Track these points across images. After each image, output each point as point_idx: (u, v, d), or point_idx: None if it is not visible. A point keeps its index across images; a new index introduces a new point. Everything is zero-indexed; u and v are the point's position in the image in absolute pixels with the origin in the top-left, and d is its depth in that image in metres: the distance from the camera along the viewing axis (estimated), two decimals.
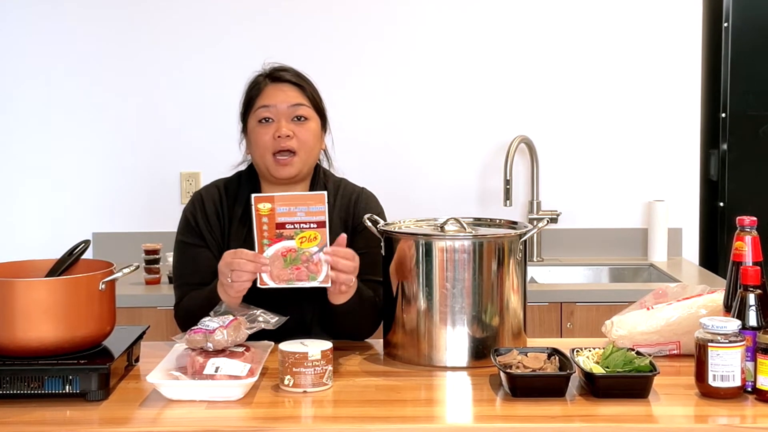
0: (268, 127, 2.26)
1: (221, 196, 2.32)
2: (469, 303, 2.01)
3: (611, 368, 1.82)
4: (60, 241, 2.73)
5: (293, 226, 1.99)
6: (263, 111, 2.27)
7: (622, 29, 3.68)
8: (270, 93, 2.28)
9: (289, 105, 2.27)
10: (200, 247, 2.27)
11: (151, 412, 1.74)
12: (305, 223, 1.99)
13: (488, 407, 1.77)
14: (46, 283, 1.85)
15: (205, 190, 2.35)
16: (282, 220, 1.99)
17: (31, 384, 1.77)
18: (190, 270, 2.27)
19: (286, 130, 2.24)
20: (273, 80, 2.30)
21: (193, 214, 2.30)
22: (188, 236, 2.29)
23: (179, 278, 2.30)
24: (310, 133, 2.28)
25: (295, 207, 1.99)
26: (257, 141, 2.26)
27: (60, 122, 3.68)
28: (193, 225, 2.29)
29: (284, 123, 2.25)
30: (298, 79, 2.32)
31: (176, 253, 2.32)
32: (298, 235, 1.99)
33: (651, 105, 3.69)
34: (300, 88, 2.30)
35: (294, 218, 1.99)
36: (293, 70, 2.34)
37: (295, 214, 1.99)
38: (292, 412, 1.76)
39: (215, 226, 2.28)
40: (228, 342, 1.86)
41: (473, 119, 3.70)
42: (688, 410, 1.74)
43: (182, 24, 3.65)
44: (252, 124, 2.29)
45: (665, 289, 2.18)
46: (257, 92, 2.29)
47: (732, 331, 1.75)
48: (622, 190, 3.72)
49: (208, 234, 2.28)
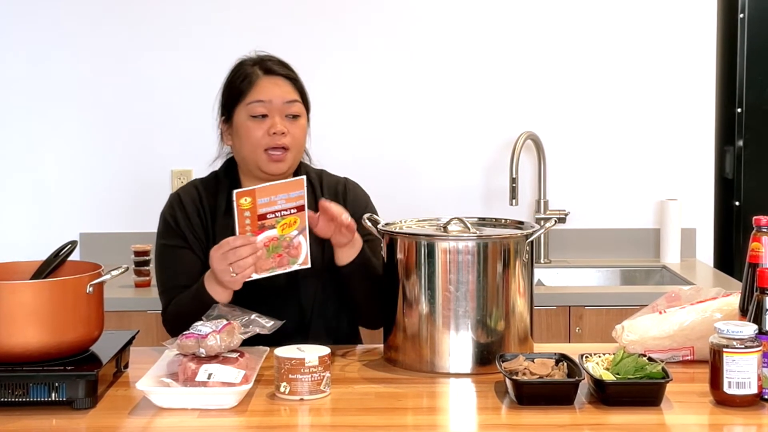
0: (262, 122, 2.27)
1: (200, 194, 2.33)
2: (474, 306, 2.01)
3: (622, 375, 1.82)
4: (45, 241, 2.73)
5: (274, 215, 2.06)
6: (257, 106, 2.27)
7: (633, 21, 3.68)
8: (264, 87, 2.29)
9: (284, 101, 2.28)
10: (183, 248, 2.28)
11: (141, 420, 1.74)
12: (285, 210, 2.06)
13: (493, 416, 1.78)
14: (31, 286, 1.85)
15: (183, 191, 2.36)
16: (263, 211, 2.05)
17: (16, 391, 1.77)
18: (176, 272, 2.27)
19: (281, 127, 2.25)
20: (265, 72, 2.31)
21: (173, 216, 2.30)
22: (170, 238, 2.30)
23: (164, 283, 2.30)
24: (301, 131, 2.31)
25: (275, 196, 2.05)
26: (249, 136, 2.27)
27: (44, 117, 3.67)
28: (174, 226, 2.29)
29: (279, 119, 2.27)
30: (288, 71, 2.34)
31: (158, 258, 2.32)
32: (279, 222, 2.06)
33: (663, 100, 3.69)
34: (292, 81, 2.33)
35: (275, 207, 2.05)
36: (281, 60, 2.37)
37: (276, 203, 2.05)
38: (288, 420, 1.77)
39: (197, 225, 2.29)
40: (221, 347, 1.86)
41: (478, 114, 3.70)
42: (702, 419, 1.74)
43: (171, 17, 3.65)
44: (242, 117, 2.29)
45: (678, 292, 2.18)
46: (248, 84, 2.30)
47: (748, 336, 1.75)
48: (634, 189, 3.72)
49: (191, 234, 2.28)
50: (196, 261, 2.26)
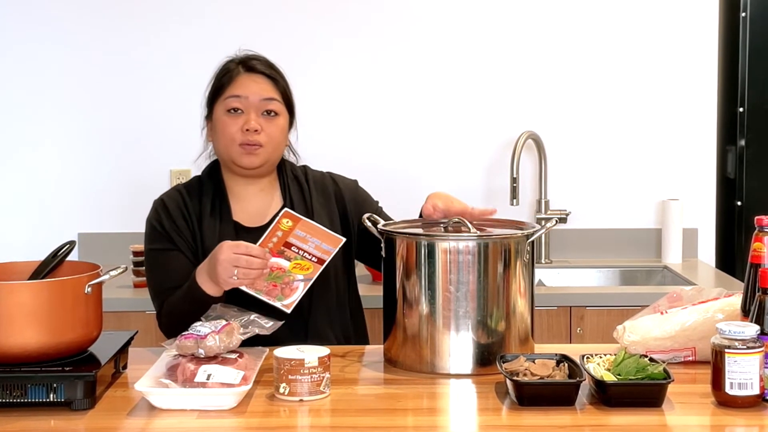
0: (236, 118, 2.29)
1: (184, 198, 2.34)
2: (474, 307, 2.01)
3: (623, 376, 1.82)
4: (44, 242, 2.73)
5: (298, 251, 2.11)
6: (233, 101, 2.29)
7: (634, 19, 3.68)
8: (242, 83, 2.30)
9: (261, 98, 2.30)
10: (171, 250, 2.29)
11: (140, 422, 1.74)
12: (309, 254, 2.12)
13: (494, 416, 1.78)
14: (30, 286, 1.85)
15: (166, 195, 2.37)
16: (292, 241, 2.11)
17: (14, 392, 1.77)
18: (166, 275, 2.27)
19: (254, 124, 2.27)
20: (246, 69, 2.33)
21: (158, 220, 2.32)
22: (157, 243, 2.31)
23: (156, 286, 2.31)
24: (278, 129, 2.32)
25: (312, 237, 2.11)
26: (224, 131, 2.29)
27: (42, 117, 3.67)
28: (160, 230, 2.30)
29: (254, 116, 2.28)
30: (271, 71, 2.35)
31: (148, 264, 2.33)
32: (296, 260, 2.11)
33: (665, 99, 3.69)
34: (273, 80, 2.33)
35: (303, 245, 2.11)
36: (267, 60, 2.38)
37: (307, 242, 2.11)
38: (288, 421, 1.77)
39: (183, 228, 2.30)
40: (220, 348, 1.86)
41: (478, 114, 3.70)
42: (704, 420, 1.74)
43: (169, 17, 3.65)
44: (219, 112, 2.31)
45: (680, 293, 2.18)
46: (228, 80, 2.31)
47: (750, 336, 1.75)
48: (635, 189, 3.72)
49: (177, 236, 2.29)
50: (186, 262, 2.27)
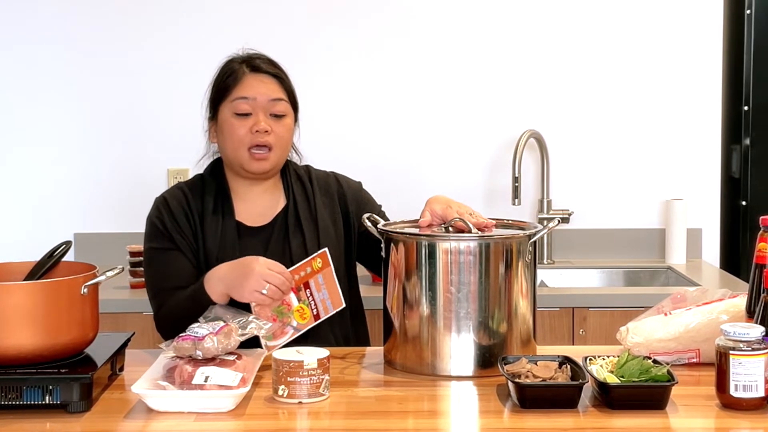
0: (245, 120, 2.28)
1: (186, 196, 2.33)
2: (475, 308, 2.01)
3: (626, 378, 1.82)
4: (39, 242, 2.72)
5: (308, 298, 2.13)
6: (242, 103, 2.29)
7: (638, 18, 3.68)
8: (249, 83, 2.30)
9: (269, 99, 2.30)
10: (172, 250, 2.28)
11: (136, 424, 1.75)
12: (315, 304, 2.14)
13: (495, 419, 1.78)
14: (25, 287, 1.85)
15: (168, 194, 2.37)
16: (311, 284, 2.14)
17: (9, 395, 1.77)
18: (166, 275, 2.27)
19: (264, 125, 2.27)
20: (251, 69, 2.32)
21: (160, 218, 2.31)
22: (157, 241, 2.30)
23: (155, 286, 2.30)
24: (286, 130, 2.32)
25: (325, 288, 2.15)
26: (232, 134, 2.29)
27: (38, 117, 3.67)
28: (161, 229, 2.30)
29: (262, 117, 2.28)
30: (276, 70, 2.35)
31: (147, 262, 2.33)
32: (303, 303, 2.13)
33: (669, 97, 3.69)
34: (279, 80, 2.34)
35: (316, 293, 2.14)
36: (270, 58, 2.38)
37: (320, 291, 2.15)
38: (287, 424, 1.76)
39: (185, 227, 2.30)
40: (218, 350, 1.86)
41: (479, 112, 3.69)
42: (708, 422, 1.74)
43: (167, 15, 3.65)
44: (226, 114, 2.31)
45: (684, 294, 2.18)
46: (234, 81, 2.31)
47: (755, 338, 1.75)
48: (638, 188, 3.72)
49: (178, 236, 2.29)
50: (186, 263, 2.27)
